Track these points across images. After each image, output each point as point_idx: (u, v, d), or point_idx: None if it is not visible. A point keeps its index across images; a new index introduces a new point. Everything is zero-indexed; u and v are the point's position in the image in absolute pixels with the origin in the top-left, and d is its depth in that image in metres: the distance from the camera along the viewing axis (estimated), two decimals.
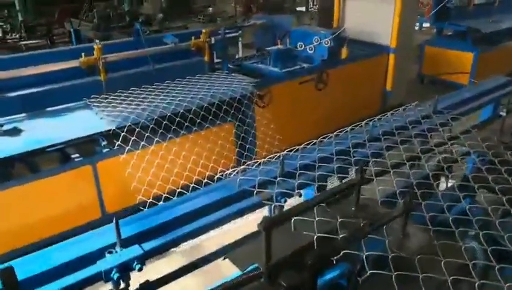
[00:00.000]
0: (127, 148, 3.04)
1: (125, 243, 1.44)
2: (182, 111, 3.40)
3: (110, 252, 1.40)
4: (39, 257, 1.40)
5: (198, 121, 3.53)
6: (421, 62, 7.31)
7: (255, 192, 1.74)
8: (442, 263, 1.32)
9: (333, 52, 5.10)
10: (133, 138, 3.10)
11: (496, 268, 1.38)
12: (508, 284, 1.35)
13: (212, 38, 4.62)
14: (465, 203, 1.73)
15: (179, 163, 3.00)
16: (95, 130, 3.37)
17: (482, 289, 1.33)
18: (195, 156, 3.06)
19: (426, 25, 10.95)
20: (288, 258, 1.30)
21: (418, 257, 1.33)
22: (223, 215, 1.69)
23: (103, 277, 1.35)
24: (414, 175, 1.92)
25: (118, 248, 1.42)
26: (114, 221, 1.39)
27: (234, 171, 1.92)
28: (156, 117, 3.34)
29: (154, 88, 3.92)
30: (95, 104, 3.64)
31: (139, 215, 1.59)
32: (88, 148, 3.58)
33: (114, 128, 3.24)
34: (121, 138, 3.07)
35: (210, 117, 3.60)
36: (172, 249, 1.58)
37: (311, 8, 14.40)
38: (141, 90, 3.88)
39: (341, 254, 1.28)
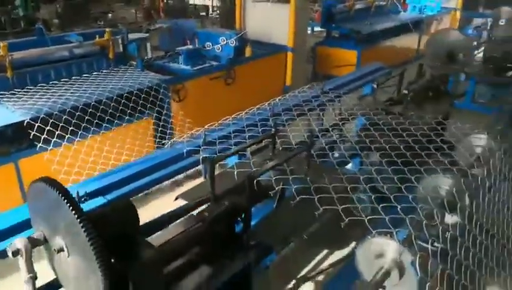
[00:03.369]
0: (51, 145, 3.07)
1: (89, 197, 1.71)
2: (93, 103, 3.49)
3: None
4: None
5: (117, 114, 3.70)
6: (314, 62, 8.18)
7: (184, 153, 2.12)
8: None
9: (238, 51, 5.63)
10: (57, 132, 3.19)
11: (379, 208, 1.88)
12: (388, 217, 1.85)
13: (119, 38, 4.83)
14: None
15: (101, 158, 3.14)
16: (7, 122, 3.31)
17: (370, 223, 1.83)
18: (117, 151, 3.22)
19: (317, 28, 12.09)
20: (228, 189, 1.69)
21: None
22: (165, 173, 2.03)
23: None
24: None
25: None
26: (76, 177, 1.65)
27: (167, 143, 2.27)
28: (68, 109, 3.37)
29: (63, 84, 3.96)
30: (3, 99, 3.59)
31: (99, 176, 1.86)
32: (8, 146, 3.55)
33: (28, 119, 3.18)
34: (39, 131, 3.05)
35: (128, 111, 3.78)
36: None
37: (211, 14, 14.93)
38: (50, 86, 3.90)
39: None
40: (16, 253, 1.13)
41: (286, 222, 1.72)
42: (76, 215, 1.00)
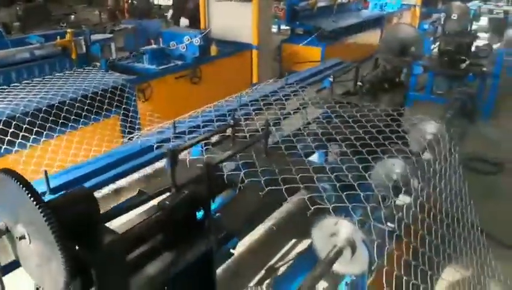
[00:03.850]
0: (15, 147, 3.05)
1: (54, 191, 1.75)
2: (56, 104, 3.48)
3: None
4: None
5: (83, 114, 3.71)
6: (280, 59, 8.32)
7: (154, 147, 2.17)
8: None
9: (203, 50, 5.68)
10: (21, 134, 3.18)
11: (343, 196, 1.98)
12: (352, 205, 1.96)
13: (82, 39, 4.82)
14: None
15: (69, 156, 3.17)
16: None
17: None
18: (85, 148, 3.26)
19: (284, 27, 12.25)
20: (190, 179, 1.75)
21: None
22: (133, 165, 2.08)
23: None
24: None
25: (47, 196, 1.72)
26: (44, 173, 1.69)
27: (135, 136, 2.31)
28: (31, 111, 3.36)
29: (24, 85, 3.90)
30: None
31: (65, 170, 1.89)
32: None
33: None
34: (2, 134, 3.04)
35: (94, 110, 3.79)
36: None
37: None
38: (11, 88, 3.83)
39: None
40: None
41: (246, 209, 1.81)
42: (35, 202, 1.05)
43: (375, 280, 1.94)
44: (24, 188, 1.08)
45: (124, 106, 4.18)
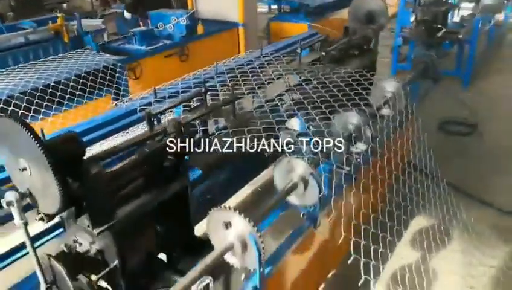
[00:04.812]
0: None
1: None
2: (52, 84, 3.71)
3: None
4: None
5: (77, 93, 3.98)
6: (269, 36, 8.52)
7: (138, 109, 2.46)
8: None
9: (190, 29, 5.91)
10: (20, 111, 3.45)
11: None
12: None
13: (73, 24, 5.07)
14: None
15: None
16: None
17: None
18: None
19: (274, 6, 12.39)
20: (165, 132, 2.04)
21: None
22: (118, 126, 2.37)
23: None
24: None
25: None
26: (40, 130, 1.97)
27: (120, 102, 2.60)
28: (28, 91, 3.59)
29: (21, 68, 4.10)
30: None
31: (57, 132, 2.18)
32: None
33: None
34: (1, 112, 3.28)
35: (88, 89, 4.06)
36: None
37: None
38: (9, 71, 4.04)
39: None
40: (9, 203, 1.47)
41: (216, 154, 2.11)
42: (35, 140, 1.34)
43: (334, 215, 2.24)
44: (26, 130, 1.37)
45: (115, 85, 4.44)
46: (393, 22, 6.65)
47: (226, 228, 1.65)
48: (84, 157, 1.58)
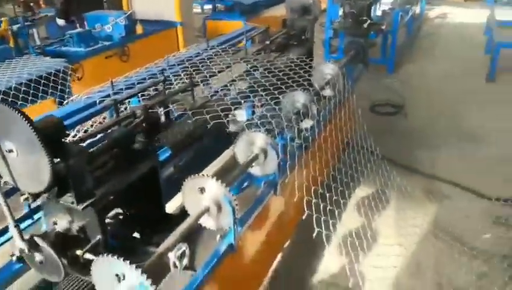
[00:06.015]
0: None
1: None
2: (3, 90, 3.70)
3: None
4: None
5: (21, 96, 3.92)
6: (205, 35, 8.70)
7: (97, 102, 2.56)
8: None
9: (129, 30, 5.95)
10: None
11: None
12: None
13: (14, 27, 4.92)
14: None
15: None
16: None
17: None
18: None
19: (206, 6, 12.56)
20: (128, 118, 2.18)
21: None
22: (79, 118, 2.47)
23: None
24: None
25: None
26: None
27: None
28: None
29: None
30: None
31: None
32: None
33: None
34: None
35: (32, 91, 4.00)
36: None
37: None
38: None
39: None
40: None
41: (182, 133, 2.29)
42: (27, 122, 1.45)
43: (291, 181, 2.51)
44: (17, 112, 1.47)
45: (60, 87, 4.41)
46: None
47: (201, 193, 1.84)
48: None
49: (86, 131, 2.49)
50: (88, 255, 1.82)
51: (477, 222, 3.29)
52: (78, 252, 1.82)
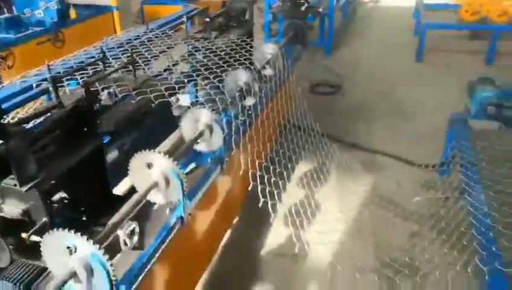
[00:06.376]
0: None
1: None
2: None
3: None
4: None
5: None
6: (143, 20, 8.49)
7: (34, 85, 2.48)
8: None
9: (62, 14, 5.68)
10: None
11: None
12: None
13: None
14: None
15: None
16: None
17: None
18: None
19: None
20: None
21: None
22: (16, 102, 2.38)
23: None
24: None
25: None
26: None
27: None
28: None
29: None
30: None
31: None
32: None
33: None
34: None
35: None
36: None
37: None
38: None
39: None
40: None
41: (126, 112, 2.29)
42: None
43: (237, 156, 2.60)
44: None
45: None
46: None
47: (149, 168, 1.88)
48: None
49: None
50: (34, 238, 1.80)
51: (408, 187, 3.59)
52: (24, 235, 1.80)
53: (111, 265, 1.42)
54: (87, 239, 1.41)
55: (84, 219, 2.24)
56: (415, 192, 3.44)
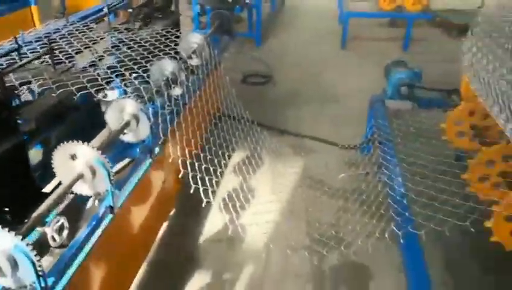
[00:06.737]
0: None
1: None
2: None
3: None
4: None
5: None
6: (64, 13, 8.08)
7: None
8: None
9: None
10: None
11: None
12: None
13: None
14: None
15: None
16: None
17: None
18: None
19: None
20: None
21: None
22: None
23: None
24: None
25: None
26: None
27: None
28: None
29: None
30: None
31: None
32: None
33: None
34: None
35: None
36: None
37: None
38: None
39: None
40: None
41: (46, 109, 2.23)
42: None
43: (167, 144, 2.62)
44: None
45: None
46: None
47: (73, 160, 1.86)
48: None
49: None
50: None
51: (334, 166, 3.82)
52: None
53: (36, 255, 1.42)
54: (9, 231, 1.39)
55: (9, 218, 2.17)
56: (341, 171, 3.67)
